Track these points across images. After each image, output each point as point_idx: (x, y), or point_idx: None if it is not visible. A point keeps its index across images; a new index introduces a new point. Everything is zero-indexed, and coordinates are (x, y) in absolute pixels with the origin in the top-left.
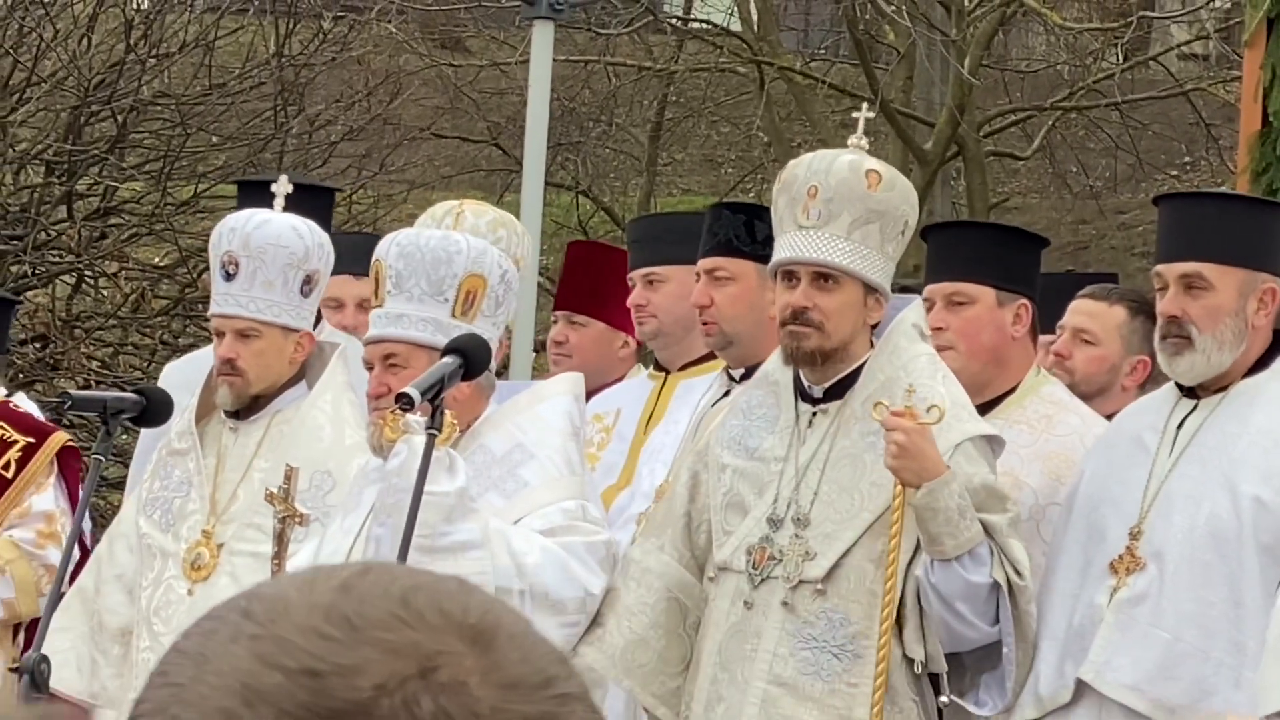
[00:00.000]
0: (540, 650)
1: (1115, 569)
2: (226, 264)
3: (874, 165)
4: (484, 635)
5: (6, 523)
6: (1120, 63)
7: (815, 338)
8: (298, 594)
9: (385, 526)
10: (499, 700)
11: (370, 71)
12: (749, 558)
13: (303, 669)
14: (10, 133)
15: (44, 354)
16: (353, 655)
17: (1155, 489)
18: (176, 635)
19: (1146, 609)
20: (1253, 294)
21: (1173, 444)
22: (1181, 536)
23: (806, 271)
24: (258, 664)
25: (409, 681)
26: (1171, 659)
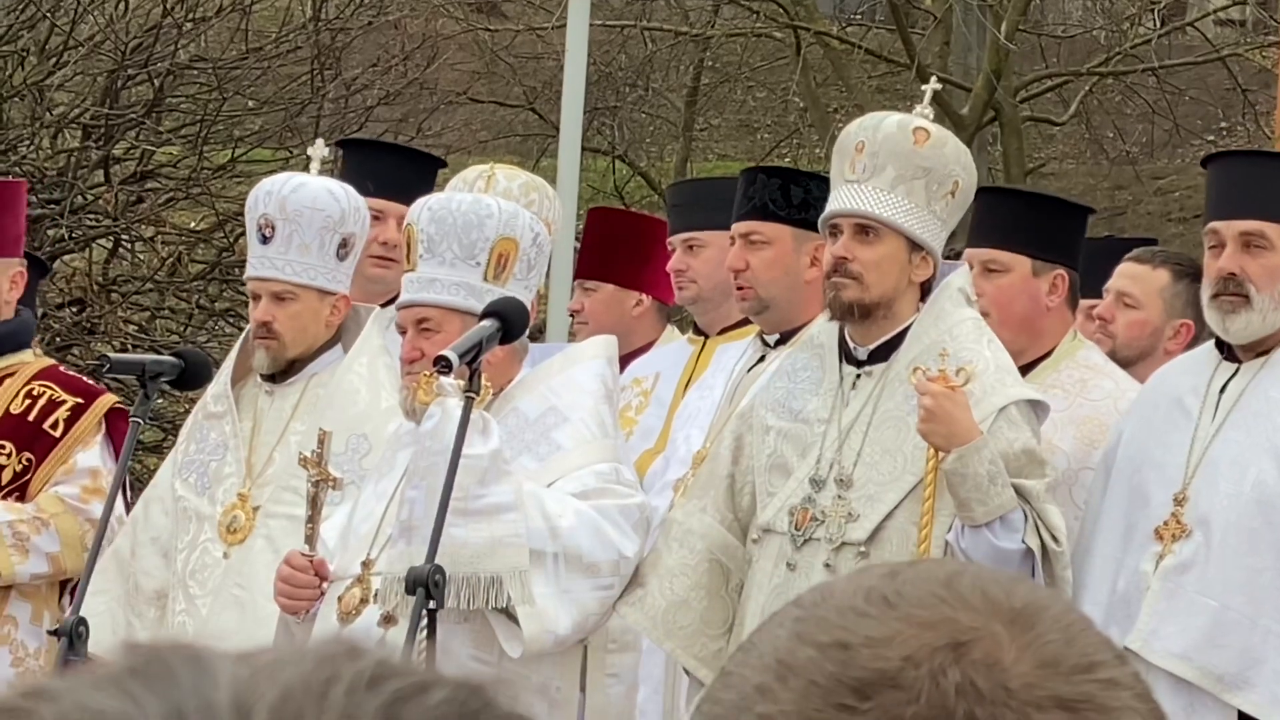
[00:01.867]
0: (1089, 636)
1: (1160, 535)
2: (263, 227)
3: (924, 124)
4: (1025, 617)
5: (54, 480)
6: (1157, 28)
7: (853, 289)
8: (846, 582)
9: (419, 489)
10: (1034, 678)
11: (406, 36)
12: (791, 519)
13: (834, 642)
14: (47, 96)
15: (81, 318)
16: (884, 629)
17: (1199, 454)
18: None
19: (1193, 576)
20: None
21: (1215, 408)
22: (1227, 503)
23: (848, 223)
24: (795, 641)
25: (938, 653)
26: (1219, 627)
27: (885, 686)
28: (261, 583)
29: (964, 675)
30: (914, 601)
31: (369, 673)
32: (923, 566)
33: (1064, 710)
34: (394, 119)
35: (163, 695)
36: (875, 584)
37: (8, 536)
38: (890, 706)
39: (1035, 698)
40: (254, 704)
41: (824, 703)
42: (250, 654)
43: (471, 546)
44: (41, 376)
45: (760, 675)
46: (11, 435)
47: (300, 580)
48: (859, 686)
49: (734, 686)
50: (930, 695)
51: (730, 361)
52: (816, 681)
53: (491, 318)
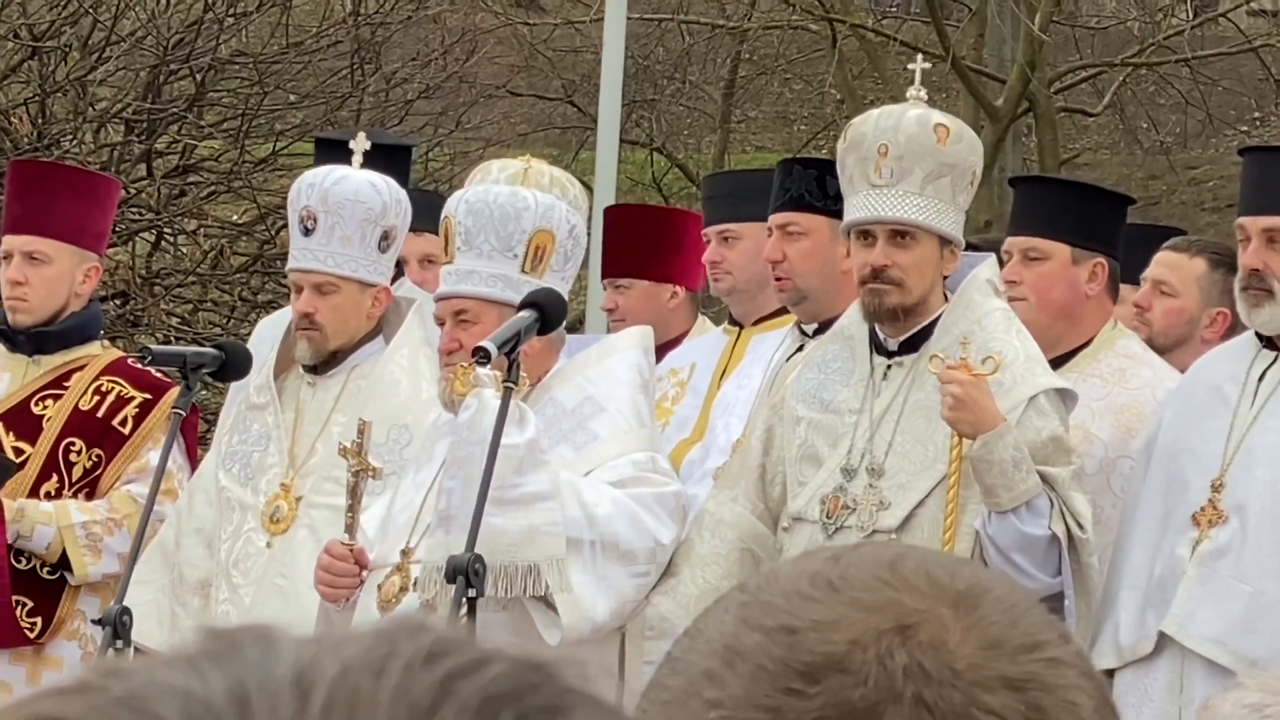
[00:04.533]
0: (1032, 617)
1: (1197, 521)
2: (305, 219)
3: (941, 119)
4: (969, 599)
5: (125, 477)
6: (1190, 19)
7: (896, 294)
8: (791, 566)
9: (456, 479)
10: (979, 659)
11: (446, 30)
12: (823, 507)
13: (781, 627)
14: (90, 91)
15: (124, 310)
16: (830, 613)
17: (1237, 441)
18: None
19: (1229, 562)
20: None
21: (1254, 396)
22: (1264, 490)
23: (883, 230)
24: (741, 626)
25: (884, 636)
26: (1254, 612)
27: (833, 670)
28: (304, 572)
29: (911, 657)
30: (859, 585)
31: (427, 649)
32: (866, 550)
33: (1010, 690)
34: (434, 112)
35: (227, 671)
36: (820, 568)
37: (81, 538)
38: (838, 690)
39: (981, 678)
40: (314, 679)
41: (772, 687)
42: (318, 635)
43: (509, 535)
44: (110, 371)
45: (708, 661)
46: (81, 432)
47: (340, 569)
48: (806, 670)
49: (682, 673)
50: (878, 678)
51: (767, 351)
52: (764, 666)
53: (529, 309)
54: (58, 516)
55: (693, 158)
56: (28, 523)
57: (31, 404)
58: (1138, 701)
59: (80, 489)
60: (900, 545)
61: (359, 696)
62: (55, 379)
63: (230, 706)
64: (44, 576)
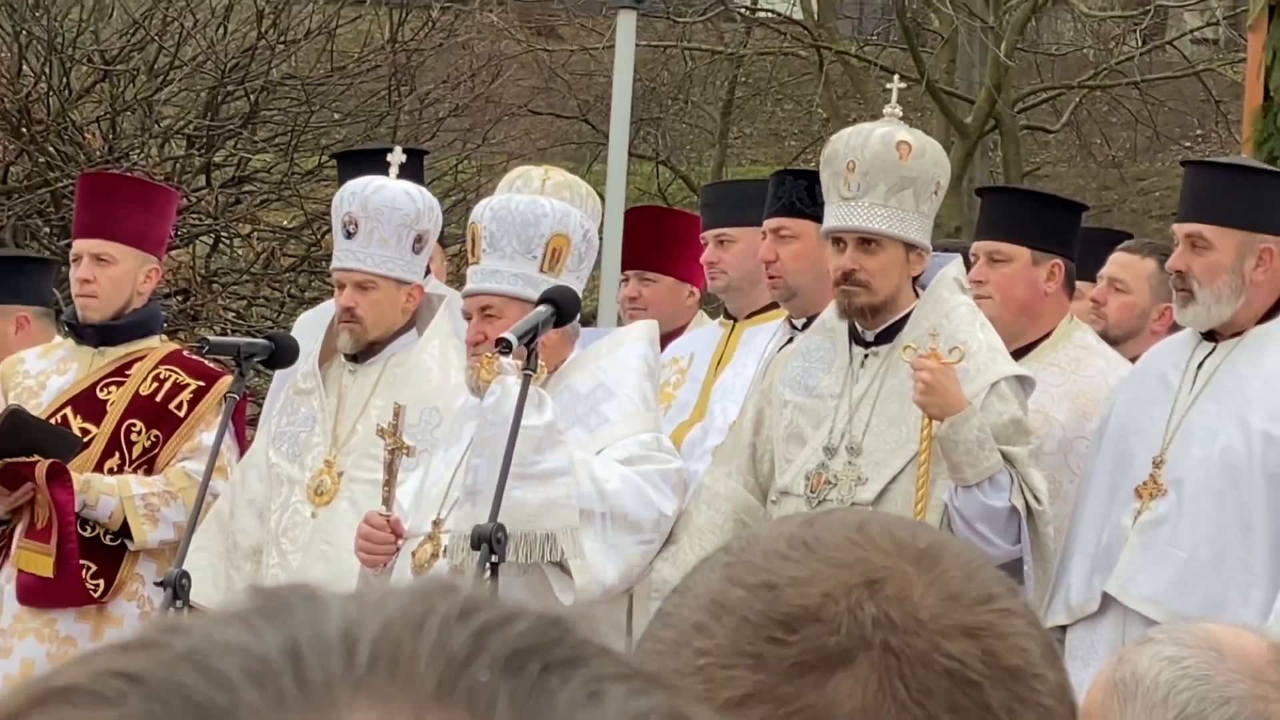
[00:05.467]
0: (985, 572)
1: (1140, 494)
2: (347, 224)
3: (904, 136)
4: (929, 557)
5: (179, 455)
6: (1139, 46)
7: (863, 295)
8: (769, 530)
9: (482, 457)
10: (940, 609)
11: (474, 55)
12: (807, 482)
13: (761, 583)
14: (156, 110)
15: (186, 305)
16: (806, 570)
17: (1177, 422)
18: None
19: (1166, 530)
20: (1250, 253)
21: (1193, 382)
22: (1199, 466)
23: (851, 238)
24: (726, 583)
25: (855, 590)
26: (1187, 576)
27: (809, 620)
28: (345, 539)
29: (879, 609)
30: (831, 545)
31: (460, 606)
32: (836, 515)
33: (968, 637)
34: (462, 129)
35: (280, 628)
36: (795, 531)
37: (140, 508)
38: (814, 638)
39: (942, 626)
40: (359, 634)
41: (755, 636)
42: (359, 593)
43: (528, 507)
44: (167, 361)
45: (696, 614)
46: (142, 414)
47: (378, 537)
48: (786, 621)
49: (673, 625)
50: (849, 627)
51: (760, 342)
52: (747, 618)
53: (546, 304)
54: (119, 489)
55: (694, 170)
56: (93, 494)
57: (96, 390)
58: (1085, 655)
59: (139, 466)
60: (866, 511)
61: (401, 650)
62: (118, 368)
63: (285, 661)
64: (106, 543)
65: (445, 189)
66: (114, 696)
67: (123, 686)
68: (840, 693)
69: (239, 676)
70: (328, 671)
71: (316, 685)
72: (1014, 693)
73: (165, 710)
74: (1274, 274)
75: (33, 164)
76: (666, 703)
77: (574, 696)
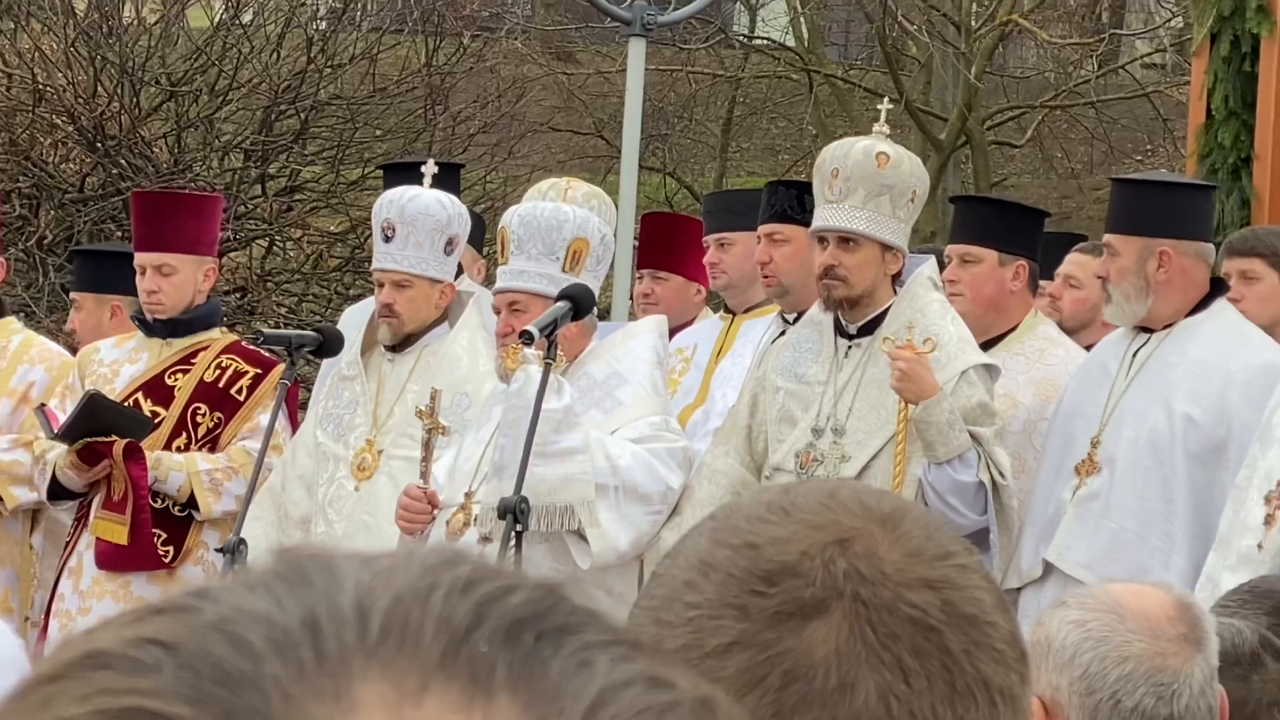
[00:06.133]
0: (943, 533)
1: (1079, 470)
2: (385, 229)
3: (884, 148)
4: (893, 518)
5: (240, 435)
6: (1095, 70)
7: (841, 288)
8: (750, 497)
9: (508, 437)
10: (903, 564)
11: (500, 78)
12: (797, 460)
13: (744, 543)
14: (216, 127)
15: (243, 301)
16: (784, 531)
17: (1113, 406)
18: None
19: (1099, 504)
20: (1150, 256)
21: (1129, 370)
22: (1129, 445)
23: (832, 236)
24: (712, 544)
25: (828, 548)
26: (1116, 544)
27: (787, 575)
28: (385, 510)
29: (849, 564)
30: (806, 509)
31: (464, 579)
32: (809, 484)
33: (928, 589)
34: (490, 144)
35: (300, 599)
36: (774, 498)
37: (206, 482)
38: (792, 590)
39: (906, 579)
40: (371, 605)
41: (739, 590)
42: (370, 559)
43: (549, 482)
44: (228, 351)
45: (687, 573)
46: (206, 399)
47: (416, 508)
48: (766, 576)
49: (665, 584)
50: (823, 580)
51: (755, 334)
52: (732, 574)
53: (565, 300)
54: (187, 465)
55: (697, 181)
56: (163, 470)
57: (165, 377)
58: (1033, 614)
59: (204, 444)
60: (836, 480)
61: (409, 622)
62: (184, 357)
63: (304, 632)
64: (175, 514)
65: (475, 198)
66: (151, 664)
67: (159, 655)
68: (816, 638)
69: (264, 647)
70: (343, 643)
71: (333, 656)
72: (970, 638)
73: (197, 679)
74: (1179, 272)
75: (106, 175)
76: (649, 668)
77: (565, 665)
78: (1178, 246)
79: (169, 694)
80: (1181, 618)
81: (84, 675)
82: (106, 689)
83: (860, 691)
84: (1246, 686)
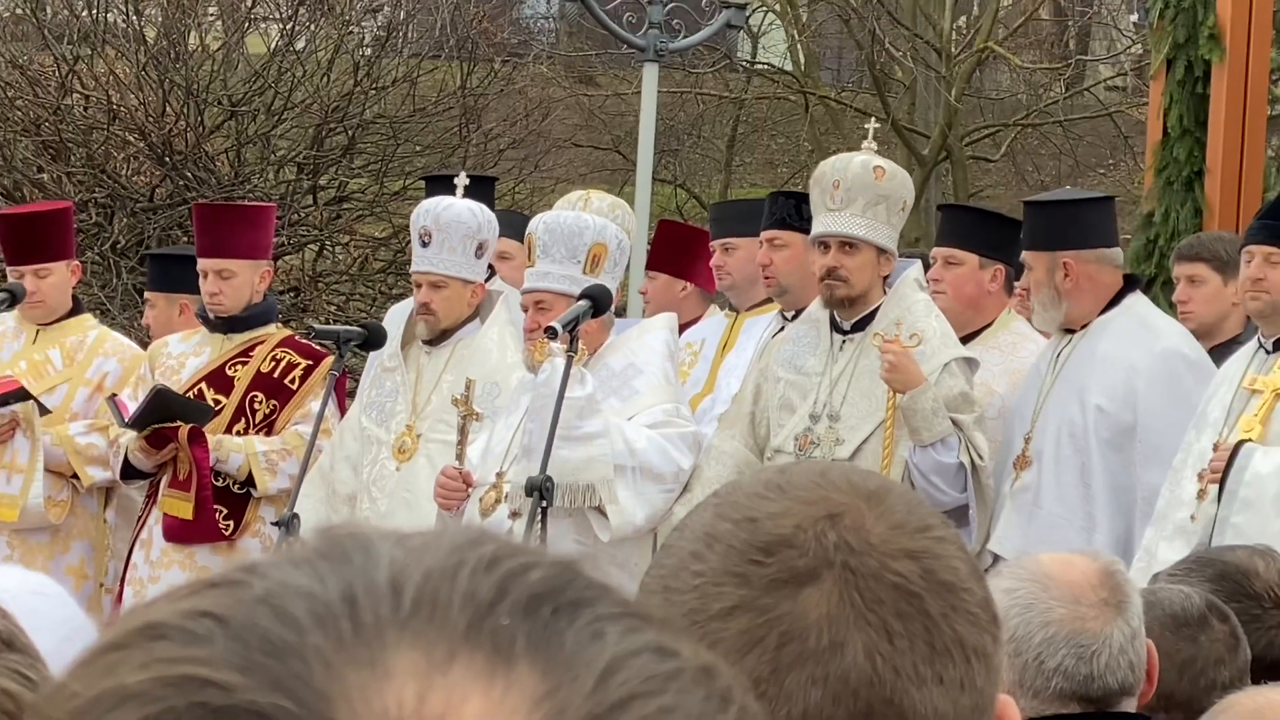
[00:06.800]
0: (922, 508)
1: (1016, 465)
2: (422, 235)
3: (879, 163)
4: (878, 495)
5: (293, 420)
6: (1063, 92)
7: (843, 288)
8: (749, 477)
9: (535, 422)
10: (887, 535)
11: (528, 99)
12: (796, 443)
13: (744, 518)
14: (273, 143)
15: (297, 300)
16: (780, 507)
17: (1040, 404)
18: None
19: (1030, 494)
20: (1056, 268)
21: (1054, 370)
22: (1052, 438)
23: (835, 241)
24: (715, 518)
25: (819, 522)
26: (1045, 528)
27: (783, 546)
28: (423, 489)
29: (839, 536)
30: (799, 488)
31: (488, 557)
32: (803, 465)
33: (910, 559)
34: (519, 158)
35: (339, 575)
36: (771, 477)
37: (263, 463)
38: (788, 560)
39: (890, 550)
40: (404, 582)
41: (739, 560)
42: (404, 538)
43: (572, 463)
44: (282, 344)
45: (692, 545)
46: (262, 388)
47: (452, 487)
48: (764, 547)
49: (673, 554)
50: (815, 551)
51: (757, 330)
52: (734, 546)
53: (585, 299)
54: (246, 447)
55: (705, 191)
56: (224, 451)
57: (226, 368)
58: None
59: (261, 429)
60: (827, 461)
61: (438, 597)
62: (243, 350)
63: (343, 605)
64: (235, 491)
65: (505, 207)
66: (204, 635)
67: (212, 627)
68: (809, 603)
69: (306, 619)
70: (378, 616)
71: (369, 628)
72: (948, 602)
73: (246, 649)
74: (1084, 278)
75: (174, 186)
76: (656, 639)
77: (579, 636)
78: (1078, 256)
79: (220, 663)
80: (1104, 584)
81: (144, 645)
82: (164, 658)
83: (849, 651)
84: (1195, 645)
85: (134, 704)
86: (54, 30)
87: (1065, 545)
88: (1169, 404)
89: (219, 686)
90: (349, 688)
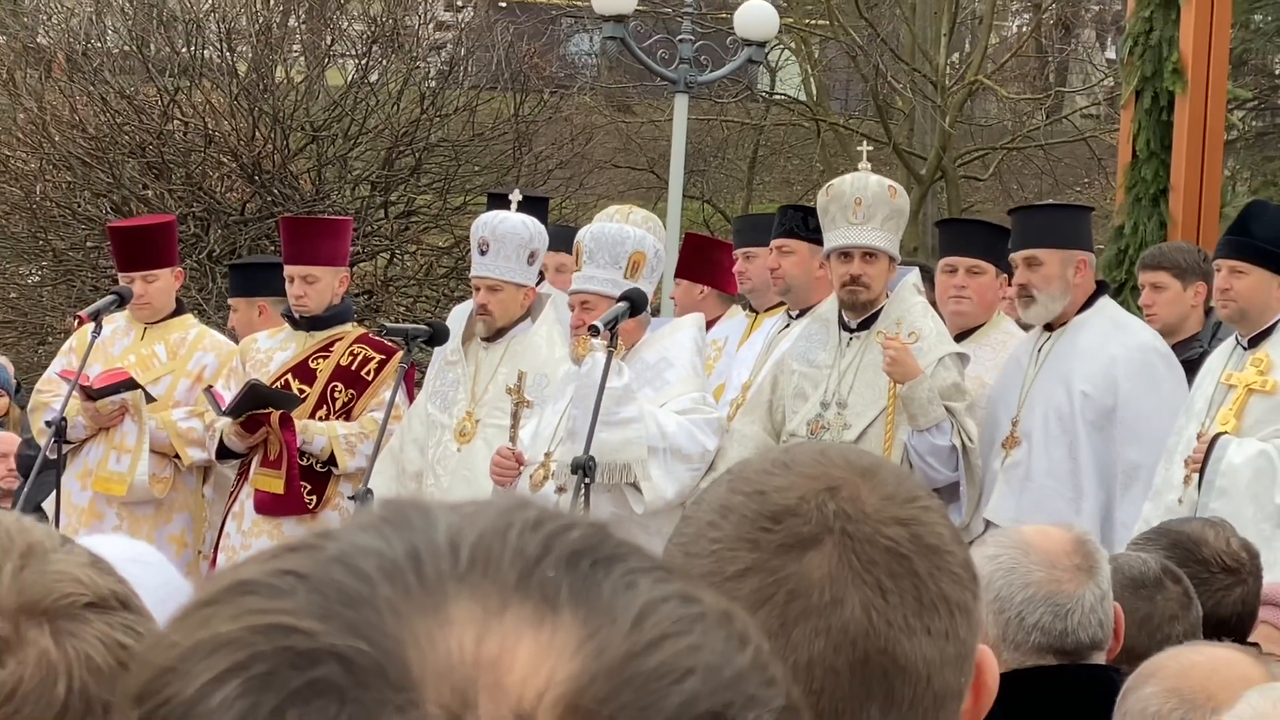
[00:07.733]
0: (910, 481)
1: (1004, 445)
2: (481, 245)
3: (890, 183)
4: (871, 470)
5: (369, 408)
6: (1044, 120)
7: (865, 294)
8: (758, 456)
9: (579, 409)
10: (880, 505)
11: (573, 126)
12: (808, 427)
13: (754, 490)
14: (349, 164)
15: (370, 302)
16: (785, 481)
17: (1026, 391)
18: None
19: (1021, 469)
20: (1070, 264)
21: (1037, 362)
22: (1040, 421)
23: (858, 252)
24: (728, 492)
25: (820, 494)
26: (1036, 499)
27: (789, 515)
28: (481, 467)
29: (838, 506)
30: (802, 464)
31: (532, 519)
32: (805, 445)
33: (900, 525)
34: (565, 178)
35: (403, 536)
36: (777, 455)
37: (343, 444)
38: (793, 527)
39: (882, 517)
40: (460, 541)
41: (751, 528)
42: (457, 506)
43: (611, 444)
44: (359, 341)
45: (709, 515)
46: (341, 379)
47: (506, 465)
48: (773, 516)
49: (692, 524)
50: (817, 519)
51: (768, 327)
52: (745, 515)
53: (624, 300)
54: (328, 431)
55: (729, 206)
56: (309, 434)
57: (309, 362)
58: None
59: (340, 415)
60: (825, 442)
61: (491, 553)
62: (323, 346)
63: (408, 561)
64: (317, 470)
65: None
66: (288, 590)
67: (294, 582)
68: (812, 565)
69: (376, 574)
70: (439, 570)
71: (431, 581)
72: (934, 563)
73: (324, 600)
74: (1087, 277)
75: (262, 202)
76: (681, 588)
77: (615, 586)
78: (1088, 258)
79: (303, 612)
80: (1077, 551)
81: (234, 600)
82: (253, 609)
83: (848, 606)
84: (1152, 604)
85: (227, 650)
86: (157, 65)
87: (1055, 513)
88: (1145, 390)
89: (303, 633)
90: (416, 633)
